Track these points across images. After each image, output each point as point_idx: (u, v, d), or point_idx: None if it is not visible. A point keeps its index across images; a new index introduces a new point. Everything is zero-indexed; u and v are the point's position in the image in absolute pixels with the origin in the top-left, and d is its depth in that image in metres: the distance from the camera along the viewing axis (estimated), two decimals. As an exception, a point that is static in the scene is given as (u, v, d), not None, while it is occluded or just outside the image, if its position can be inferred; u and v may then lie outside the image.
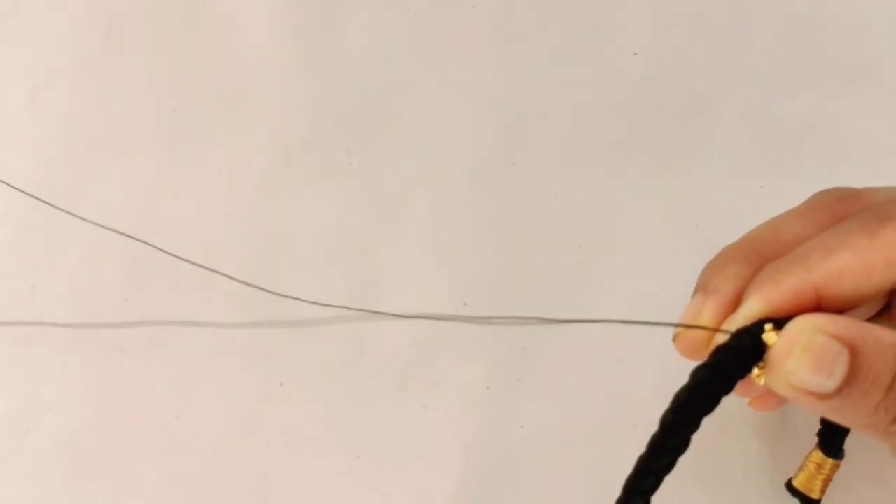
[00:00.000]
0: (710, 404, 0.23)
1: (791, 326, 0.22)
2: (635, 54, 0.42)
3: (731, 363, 0.23)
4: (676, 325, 0.25)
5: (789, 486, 0.31)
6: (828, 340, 0.22)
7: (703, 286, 0.26)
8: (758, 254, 0.26)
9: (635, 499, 0.24)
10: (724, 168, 0.39)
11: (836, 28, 0.43)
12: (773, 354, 0.22)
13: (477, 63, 0.42)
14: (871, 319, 0.26)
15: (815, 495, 0.30)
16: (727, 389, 0.23)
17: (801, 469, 0.30)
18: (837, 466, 0.29)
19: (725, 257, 0.27)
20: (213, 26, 0.44)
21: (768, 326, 0.23)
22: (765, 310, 0.23)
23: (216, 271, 0.36)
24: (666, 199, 0.39)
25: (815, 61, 0.42)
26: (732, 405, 0.26)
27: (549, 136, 0.40)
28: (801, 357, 0.22)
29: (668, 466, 0.23)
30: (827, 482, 0.30)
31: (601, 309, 0.35)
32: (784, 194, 0.29)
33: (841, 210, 0.26)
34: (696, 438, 0.23)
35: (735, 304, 0.25)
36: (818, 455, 0.30)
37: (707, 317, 0.25)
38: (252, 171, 0.40)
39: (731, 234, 0.28)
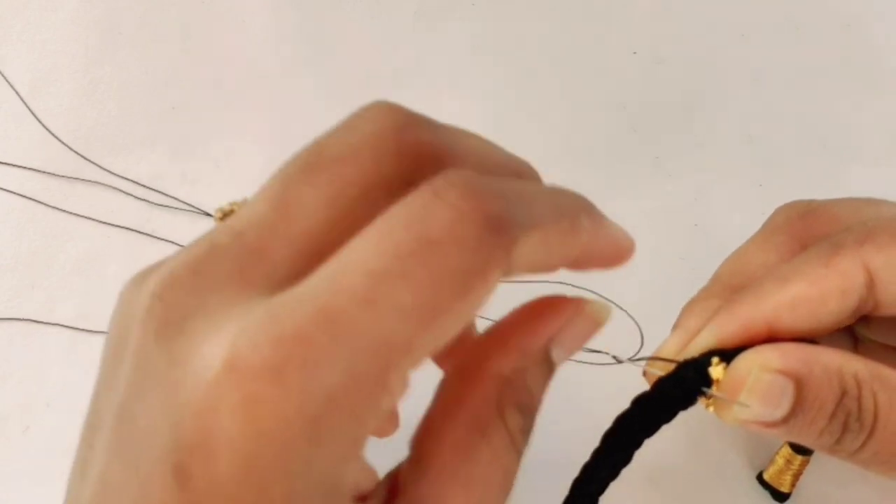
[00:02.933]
0: (650, 429, 0.23)
1: (738, 363, 0.23)
2: (635, 53, 0.42)
3: (672, 393, 0.23)
4: (619, 361, 0.25)
5: (760, 479, 0.31)
6: (773, 377, 0.22)
7: (675, 325, 0.26)
8: (728, 288, 0.26)
9: (582, 500, 0.24)
10: (723, 168, 0.39)
11: (836, 28, 0.43)
12: (720, 390, 0.23)
13: (476, 61, 0.42)
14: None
15: (784, 488, 0.31)
16: (667, 418, 0.23)
17: (771, 463, 0.31)
18: (807, 462, 0.30)
19: (699, 296, 0.27)
20: (212, 25, 0.44)
21: (715, 360, 0.23)
22: (714, 341, 0.23)
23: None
24: (665, 198, 0.39)
25: (816, 61, 0.42)
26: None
27: (548, 135, 0.40)
28: (748, 396, 0.22)
29: (611, 475, 0.24)
30: (797, 476, 0.30)
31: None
32: (783, 194, 0.29)
33: (802, 229, 0.26)
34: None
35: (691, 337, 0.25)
36: (787, 450, 0.30)
37: (669, 351, 0.25)
38: (252, 168, 0.40)
39: (731, 233, 0.28)
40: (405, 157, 0.18)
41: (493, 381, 0.19)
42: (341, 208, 0.17)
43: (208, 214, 0.39)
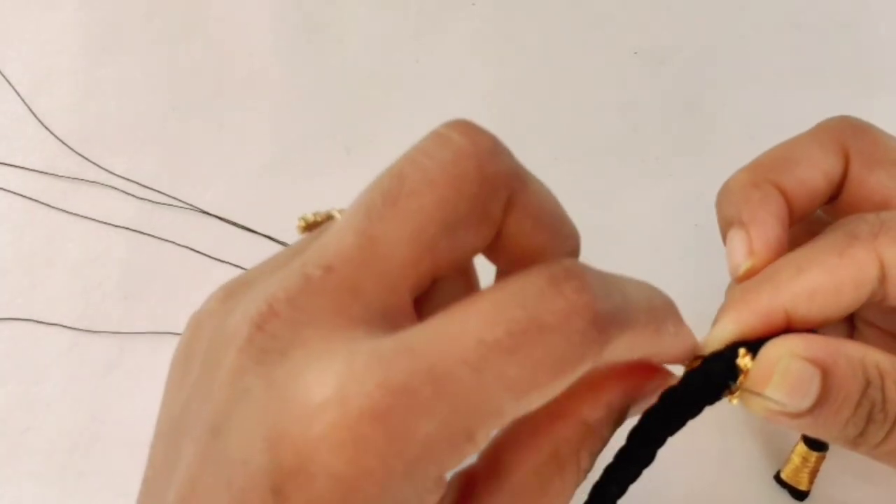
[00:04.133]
0: (676, 426, 0.23)
1: (767, 352, 0.23)
2: (635, 53, 0.42)
3: (701, 386, 0.23)
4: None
5: (778, 479, 0.31)
6: (803, 365, 0.22)
7: (735, 220, 0.26)
8: (772, 171, 0.26)
9: (601, 502, 0.24)
10: (724, 167, 0.39)
11: (836, 28, 0.43)
12: (748, 381, 0.23)
13: (476, 61, 0.43)
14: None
15: (802, 486, 0.30)
16: (695, 413, 0.23)
17: (787, 461, 0.31)
18: (823, 458, 0.30)
19: (741, 184, 0.27)
20: (212, 25, 0.44)
21: (742, 351, 0.23)
22: (736, 332, 0.23)
23: (218, 258, 0.36)
24: (666, 198, 0.39)
25: (816, 61, 0.42)
26: (724, 400, 0.26)
27: (548, 135, 0.40)
28: (779, 383, 0.22)
29: (634, 476, 0.24)
30: (814, 474, 0.30)
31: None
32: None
33: (849, 139, 0.27)
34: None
35: (778, 228, 0.25)
36: (803, 448, 0.30)
37: (759, 246, 0.25)
38: (251, 167, 0.40)
39: (731, 232, 0.28)
40: (486, 184, 0.19)
41: (578, 424, 0.21)
42: (425, 242, 0.18)
43: (208, 214, 0.39)
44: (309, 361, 0.17)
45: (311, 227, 0.23)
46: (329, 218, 0.22)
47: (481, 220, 0.19)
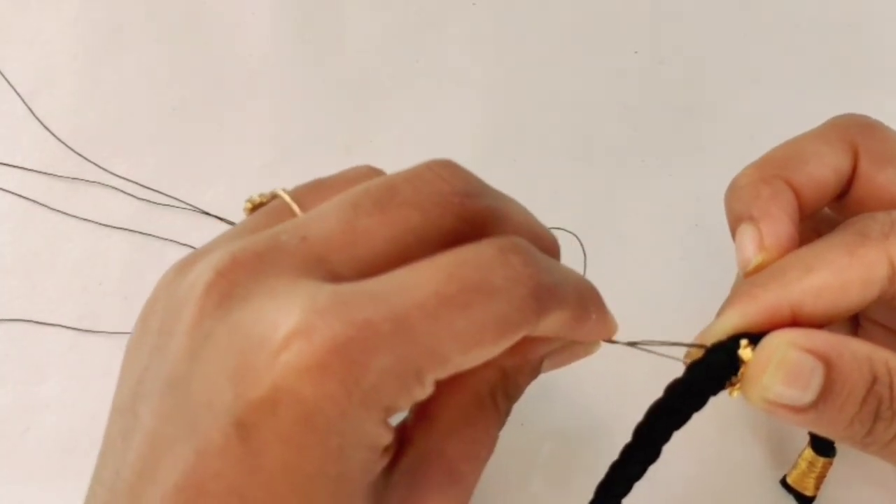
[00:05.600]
0: (682, 419, 0.23)
1: (766, 342, 0.22)
2: (636, 53, 0.42)
3: (704, 379, 0.23)
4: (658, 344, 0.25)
5: (784, 483, 0.31)
6: (802, 355, 0.22)
7: (745, 215, 0.26)
8: (779, 167, 0.26)
9: (608, 501, 0.24)
10: (723, 167, 0.39)
11: (837, 28, 0.43)
12: (747, 370, 0.22)
13: (476, 61, 0.42)
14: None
15: (808, 492, 0.30)
16: (699, 405, 0.23)
17: (794, 467, 0.30)
18: (830, 464, 0.30)
19: (751, 180, 0.27)
20: (212, 25, 0.44)
21: (743, 342, 0.23)
22: (739, 325, 0.23)
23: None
24: (666, 198, 0.39)
25: (816, 61, 0.42)
26: (730, 404, 0.26)
27: (548, 135, 0.40)
28: (775, 372, 0.22)
29: (639, 474, 0.24)
30: (820, 479, 0.30)
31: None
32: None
33: (857, 137, 0.27)
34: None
35: (788, 224, 0.25)
36: (810, 453, 0.30)
37: (770, 241, 0.25)
38: (251, 167, 0.40)
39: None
40: (465, 220, 0.21)
41: (496, 369, 0.23)
42: (401, 247, 0.20)
43: (208, 214, 0.39)
44: (273, 302, 0.18)
45: (256, 207, 0.24)
46: (274, 197, 0.24)
47: (456, 244, 0.20)
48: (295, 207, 0.23)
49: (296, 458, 0.18)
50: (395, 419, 0.21)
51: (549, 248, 0.23)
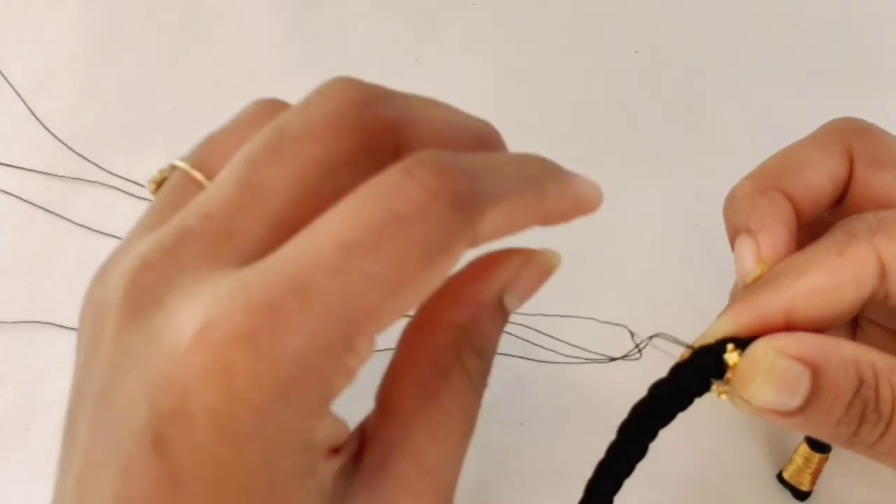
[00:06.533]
0: (666, 418, 0.23)
1: (753, 349, 0.23)
2: (636, 52, 0.42)
3: (689, 380, 0.23)
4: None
5: (780, 478, 0.31)
6: (789, 363, 0.22)
7: (742, 227, 0.26)
8: (776, 177, 0.26)
9: (597, 499, 0.24)
10: (724, 168, 0.39)
11: (836, 28, 0.43)
12: (735, 376, 0.23)
13: (476, 61, 0.43)
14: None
15: (804, 487, 0.31)
16: (684, 405, 0.23)
17: (790, 462, 0.31)
18: (825, 459, 0.30)
19: (747, 191, 0.26)
20: (212, 25, 0.44)
21: (730, 347, 0.23)
22: (731, 329, 0.23)
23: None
24: (666, 198, 0.39)
25: (816, 61, 0.42)
26: (726, 401, 0.26)
27: (548, 135, 0.40)
28: (764, 380, 0.22)
29: (628, 471, 0.24)
30: (816, 474, 0.30)
31: (601, 307, 0.35)
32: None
33: (853, 141, 0.27)
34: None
35: (786, 235, 0.25)
36: (806, 449, 0.30)
37: (768, 253, 0.25)
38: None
39: (731, 233, 0.28)
40: (367, 132, 0.19)
41: (449, 328, 0.20)
42: (308, 186, 0.18)
43: (208, 215, 0.39)
44: (183, 303, 0.17)
45: (160, 184, 0.22)
46: (173, 168, 0.22)
47: (368, 163, 0.18)
48: (198, 176, 0.21)
49: (217, 472, 0.16)
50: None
51: (482, 139, 0.21)
